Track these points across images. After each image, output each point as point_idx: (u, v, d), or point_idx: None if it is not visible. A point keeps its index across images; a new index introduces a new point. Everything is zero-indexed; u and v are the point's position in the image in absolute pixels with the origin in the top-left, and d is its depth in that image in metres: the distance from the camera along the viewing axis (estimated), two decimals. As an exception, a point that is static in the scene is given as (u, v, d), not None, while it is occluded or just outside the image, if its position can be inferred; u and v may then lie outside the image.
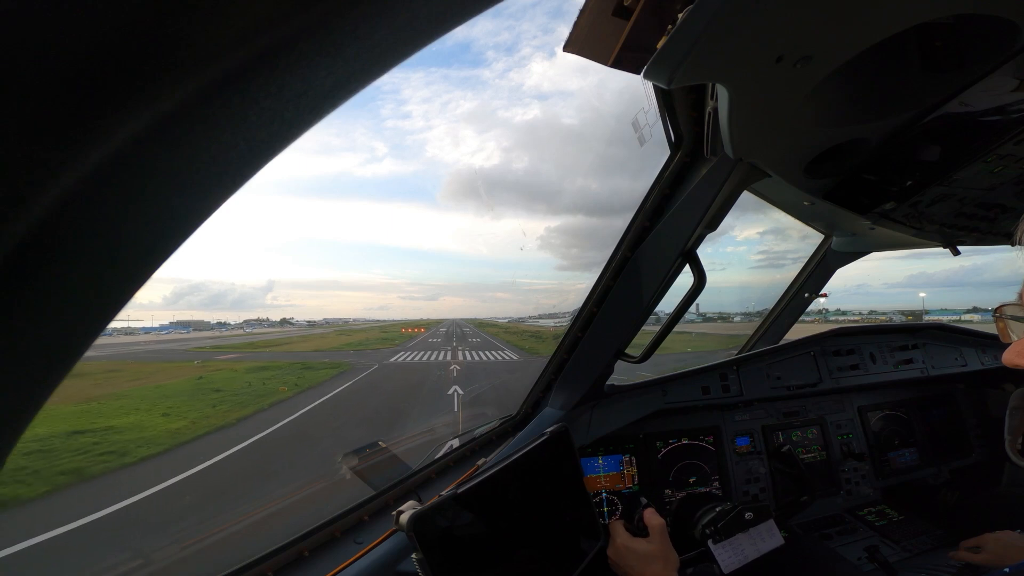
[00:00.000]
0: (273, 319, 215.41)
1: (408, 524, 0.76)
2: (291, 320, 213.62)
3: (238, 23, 0.19)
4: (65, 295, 0.22)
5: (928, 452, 1.94)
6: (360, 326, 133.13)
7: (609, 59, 0.67)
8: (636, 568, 1.06)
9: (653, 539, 1.10)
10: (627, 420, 1.47)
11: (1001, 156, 0.85)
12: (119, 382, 19.15)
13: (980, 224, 1.19)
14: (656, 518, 1.13)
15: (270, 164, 0.25)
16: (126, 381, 19.63)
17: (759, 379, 1.67)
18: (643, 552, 1.08)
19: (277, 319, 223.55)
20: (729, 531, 1.21)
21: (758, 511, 1.23)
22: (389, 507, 1.25)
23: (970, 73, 0.73)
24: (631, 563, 1.07)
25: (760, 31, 0.54)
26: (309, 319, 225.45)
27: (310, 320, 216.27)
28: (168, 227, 0.24)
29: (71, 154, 0.19)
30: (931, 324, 1.98)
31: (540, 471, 1.04)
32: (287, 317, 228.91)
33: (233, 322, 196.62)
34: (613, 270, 1.26)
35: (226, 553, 3.64)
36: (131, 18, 0.17)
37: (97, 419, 12.25)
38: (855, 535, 1.64)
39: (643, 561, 1.07)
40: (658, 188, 1.14)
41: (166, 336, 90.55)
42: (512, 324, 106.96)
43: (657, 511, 1.15)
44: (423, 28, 0.25)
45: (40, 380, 0.23)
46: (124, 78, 0.18)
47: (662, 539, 1.10)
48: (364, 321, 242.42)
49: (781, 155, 0.92)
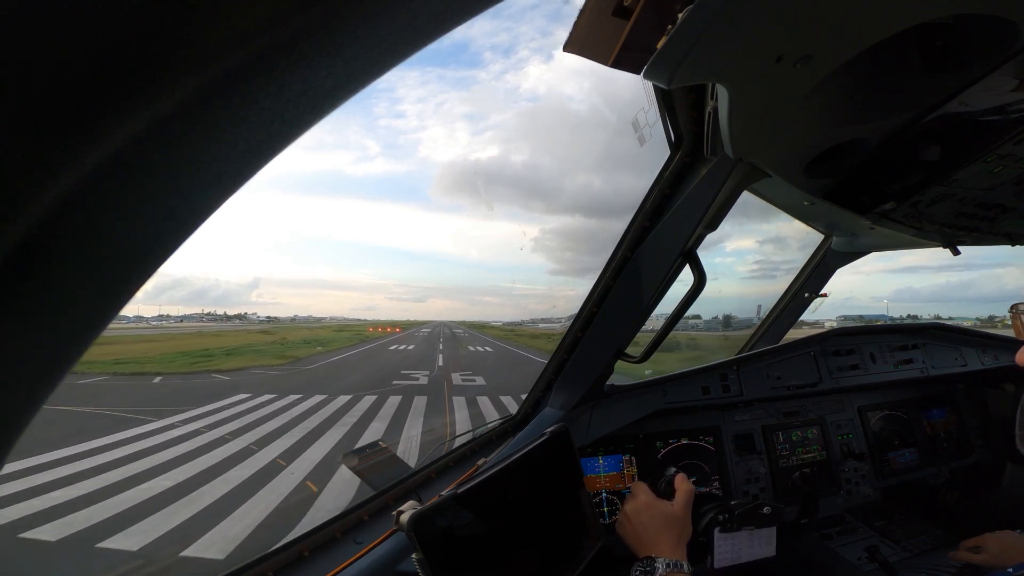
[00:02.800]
0: (260, 315, 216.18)
1: (408, 524, 0.76)
2: (246, 315, 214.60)
3: (238, 23, 0.19)
4: (65, 295, 0.22)
5: (928, 452, 1.94)
6: (310, 324, 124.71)
7: (609, 59, 0.67)
8: (651, 529, 1.03)
9: (679, 502, 1.07)
10: (627, 420, 1.47)
11: (1001, 156, 0.85)
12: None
13: (980, 224, 1.19)
14: (687, 483, 1.11)
15: (268, 164, 0.25)
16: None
17: (759, 379, 1.67)
18: (667, 513, 1.05)
19: (264, 315, 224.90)
20: (743, 522, 1.20)
21: (774, 510, 1.22)
22: (389, 507, 1.25)
23: (970, 73, 0.73)
24: (650, 521, 1.04)
25: (760, 31, 0.54)
26: (269, 315, 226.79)
27: (269, 316, 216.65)
28: (168, 227, 0.24)
29: (71, 154, 0.19)
30: (931, 324, 1.98)
31: (540, 471, 1.04)
32: (242, 313, 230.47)
33: (174, 315, 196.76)
34: (613, 270, 1.26)
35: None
36: (131, 18, 0.17)
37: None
38: (855, 535, 1.64)
39: (664, 522, 1.04)
40: (658, 188, 1.14)
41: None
42: (513, 327, 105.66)
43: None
44: (423, 28, 0.25)
45: (40, 380, 0.23)
46: (124, 78, 0.18)
47: (687, 505, 1.08)
48: (342, 319, 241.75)
49: (781, 155, 0.92)
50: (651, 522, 1.04)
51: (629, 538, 1.07)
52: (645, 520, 1.04)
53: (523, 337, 45.48)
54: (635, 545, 1.05)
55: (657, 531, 1.02)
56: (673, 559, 0.97)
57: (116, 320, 0.25)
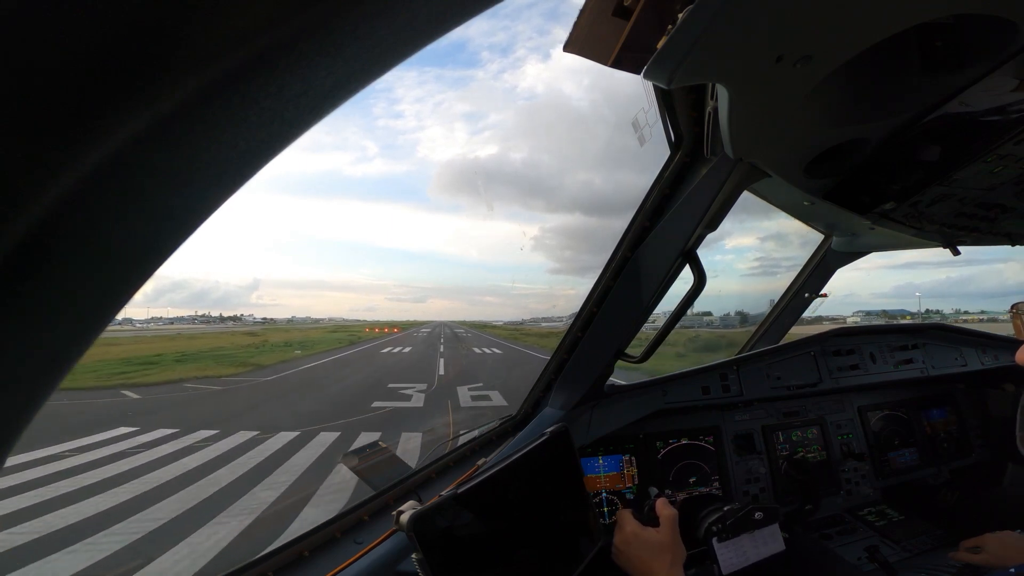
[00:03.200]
0: (258, 316, 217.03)
1: (408, 524, 0.76)
2: (241, 317, 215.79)
3: (238, 23, 0.19)
4: (65, 295, 0.22)
5: (928, 452, 1.94)
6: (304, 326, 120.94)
7: (609, 59, 0.67)
8: (643, 558, 1.04)
9: (664, 529, 1.08)
10: (627, 420, 1.47)
11: (1001, 156, 0.85)
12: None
13: (980, 224, 1.19)
14: (668, 508, 1.12)
15: (268, 164, 0.25)
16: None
17: (759, 379, 1.67)
18: (653, 542, 1.06)
19: (260, 317, 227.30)
20: (736, 530, 1.20)
21: (768, 512, 1.22)
22: (389, 507, 1.25)
23: (970, 73, 0.73)
24: (639, 553, 1.05)
25: (760, 31, 0.54)
26: (264, 316, 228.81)
27: (265, 318, 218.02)
28: (168, 227, 0.24)
29: (71, 154, 0.19)
30: (931, 324, 1.99)
31: (540, 471, 1.04)
32: (237, 315, 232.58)
33: (166, 318, 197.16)
34: (613, 270, 1.26)
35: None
36: (131, 18, 0.17)
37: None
38: (855, 535, 1.64)
39: (653, 551, 1.05)
40: (658, 188, 1.14)
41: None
42: (516, 326, 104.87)
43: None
44: (423, 28, 0.25)
45: (40, 380, 0.23)
46: (124, 78, 0.18)
47: (673, 530, 1.08)
48: (341, 320, 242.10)
49: (781, 155, 0.92)
50: (641, 552, 1.05)
51: (627, 567, 1.09)
52: (635, 552, 1.06)
53: (531, 336, 41.91)
54: (633, 573, 1.07)
55: (650, 559, 1.04)
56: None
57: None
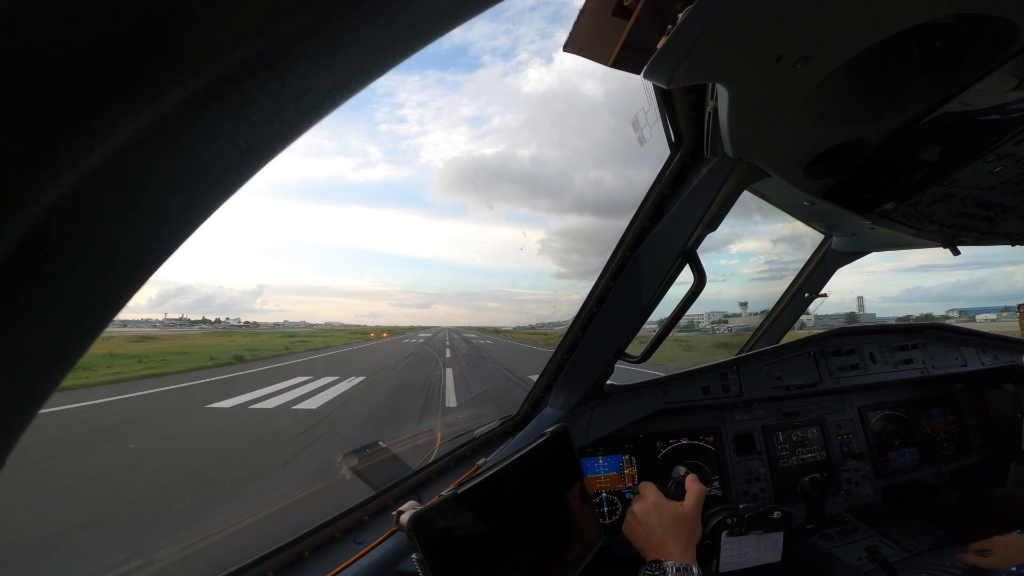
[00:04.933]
0: (242, 319, 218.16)
1: (408, 524, 0.76)
2: (229, 320, 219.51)
3: (238, 23, 0.19)
4: (64, 295, 0.22)
5: (928, 452, 1.94)
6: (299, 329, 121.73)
7: (609, 59, 0.67)
8: (661, 530, 1.00)
9: (689, 502, 1.04)
10: (627, 420, 1.47)
11: (1001, 156, 0.85)
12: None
13: (980, 224, 1.19)
14: (699, 484, 1.08)
15: (268, 165, 0.25)
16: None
17: (759, 379, 1.67)
18: (677, 514, 1.02)
19: (259, 322, 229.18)
20: (753, 525, 1.19)
21: (784, 514, 1.21)
22: (389, 507, 1.25)
23: (970, 73, 0.73)
24: (659, 523, 1.01)
25: (760, 31, 0.54)
26: (250, 320, 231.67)
27: (247, 321, 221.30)
28: (167, 227, 0.24)
29: (71, 154, 0.19)
30: (931, 324, 1.99)
31: (540, 471, 1.04)
32: (222, 318, 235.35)
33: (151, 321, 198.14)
34: (613, 270, 1.26)
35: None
36: (131, 18, 0.17)
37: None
38: (855, 535, 1.64)
39: (672, 524, 1.00)
40: (658, 188, 1.14)
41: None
42: (534, 329, 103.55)
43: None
44: (423, 28, 0.25)
45: (40, 380, 0.23)
46: (124, 78, 0.18)
47: (698, 507, 1.05)
48: (339, 325, 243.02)
49: (781, 155, 0.92)
50: (660, 523, 1.01)
51: (637, 539, 1.04)
52: (654, 521, 1.01)
53: (552, 339, 36.53)
54: (643, 546, 1.02)
55: (666, 533, 0.99)
56: (682, 563, 0.94)
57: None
